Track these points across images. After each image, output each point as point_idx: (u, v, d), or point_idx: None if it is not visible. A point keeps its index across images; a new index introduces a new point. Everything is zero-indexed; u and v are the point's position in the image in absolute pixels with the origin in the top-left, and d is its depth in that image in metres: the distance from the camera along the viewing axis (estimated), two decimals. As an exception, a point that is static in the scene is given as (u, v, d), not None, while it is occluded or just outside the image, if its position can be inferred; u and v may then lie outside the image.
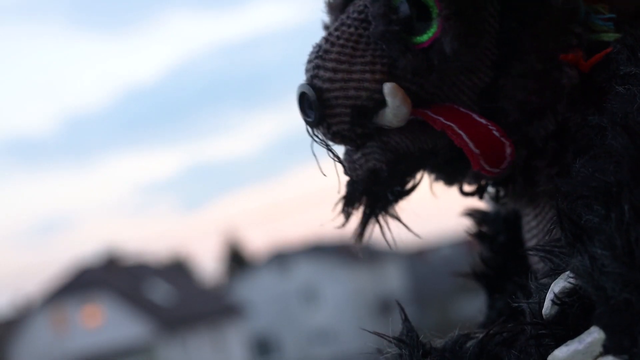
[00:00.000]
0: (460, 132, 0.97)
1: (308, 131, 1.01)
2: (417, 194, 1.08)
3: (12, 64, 62.94)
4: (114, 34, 66.94)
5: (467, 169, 1.05)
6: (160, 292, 31.28)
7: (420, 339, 0.95)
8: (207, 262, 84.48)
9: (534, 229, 1.06)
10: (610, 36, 0.97)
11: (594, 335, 0.80)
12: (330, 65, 0.98)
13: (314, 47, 1.00)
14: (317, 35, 1.07)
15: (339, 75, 0.97)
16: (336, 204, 1.04)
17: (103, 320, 30.19)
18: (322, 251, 37.02)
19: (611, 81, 0.93)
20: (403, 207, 1.06)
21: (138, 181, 64.42)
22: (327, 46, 0.99)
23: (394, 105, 0.96)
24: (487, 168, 0.98)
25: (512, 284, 1.13)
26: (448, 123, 0.97)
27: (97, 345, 29.70)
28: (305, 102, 0.98)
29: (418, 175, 1.06)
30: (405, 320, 0.98)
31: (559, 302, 0.86)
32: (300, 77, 1.01)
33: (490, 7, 0.98)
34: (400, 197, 1.04)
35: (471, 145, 0.97)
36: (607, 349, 0.79)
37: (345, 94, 0.97)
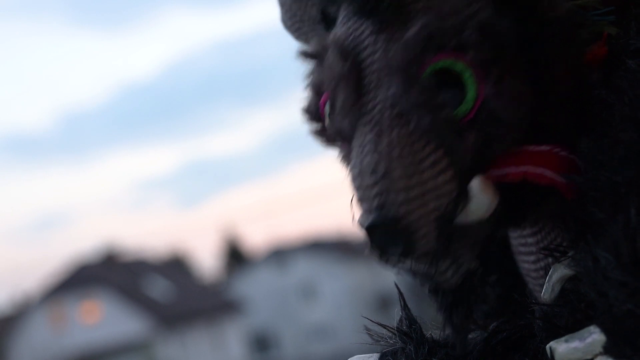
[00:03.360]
0: (539, 170, 0.86)
1: (380, 260, 0.85)
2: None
3: (9, 61, 62.89)
4: (112, 30, 66.92)
5: (525, 216, 0.95)
6: (159, 289, 31.27)
7: (423, 331, 0.94)
8: (206, 258, 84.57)
9: (532, 245, 1.01)
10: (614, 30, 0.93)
11: (594, 337, 0.80)
12: (400, 184, 0.81)
13: (364, 168, 0.83)
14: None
15: (414, 192, 0.81)
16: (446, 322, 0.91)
17: (101, 317, 30.18)
18: (320, 247, 36.99)
19: (620, 55, 0.88)
20: None
21: (136, 177, 64.39)
22: (386, 163, 0.82)
23: (487, 202, 0.83)
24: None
25: (498, 287, 1.12)
26: (521, 169, 0.86)
27: (96, 342, 29.70)
28: (380, 239, 0.82)
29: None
30: (405, 307, 0.97)
31: (558, 287, 0.86)
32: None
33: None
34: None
35: (557, 177, 0.86)
36: (607, 350, 0.79)
37: (426, 209, 0.81)
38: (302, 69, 0.96)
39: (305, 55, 0.94)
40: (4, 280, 63.67)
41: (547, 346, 0.83)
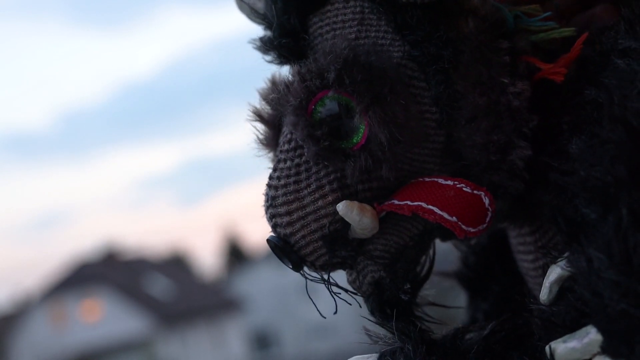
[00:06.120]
0: (430, 207, 0.93)
1: (301, 274, 0.98)
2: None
3: (9, 60, 62.83)
4: (112, 29, 66.90)
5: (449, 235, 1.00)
6: (159, 287, 31.24)
7: (420, 332, 0.95)
8: (206, 256, 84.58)
9: (530, 244, 1.03)
10: (562, 32, 0.95)
11: (591, 337, 0.81)
12: (282, 209, 0.95)
13: (264, 197, 0.98)
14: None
15: (295, 215, 0.95)
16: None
17: (102, 315, 30.15)
18: (320, 245, 36.76)
19: (609, 54, 0.90)
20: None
21: (137, 176, 64.41)
22: (273, 192, 0.96)
23: (355, 221, 0.92)
24: (472, 230, 0.94)
25: (498, 286, 1.13)
26: (415, 204, 0.93)
27: (96, 340, 29.67)
28: (276, 253, 0.96)
29: (426, 256, 1.00)
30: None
31: (556, 288, 0.87)
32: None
33: (407, 71, 0.94)
34: (415, 290, 0.99)
35: (446, 215, 0.92)
36: (604, 350, 0.80)
37: (309, 229, 0.94)
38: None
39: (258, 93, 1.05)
40: (4, 278, 63.67)
41: (547, 346, 0.84)
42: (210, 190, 71.25)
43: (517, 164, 0.93)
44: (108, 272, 30.81)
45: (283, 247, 0.95)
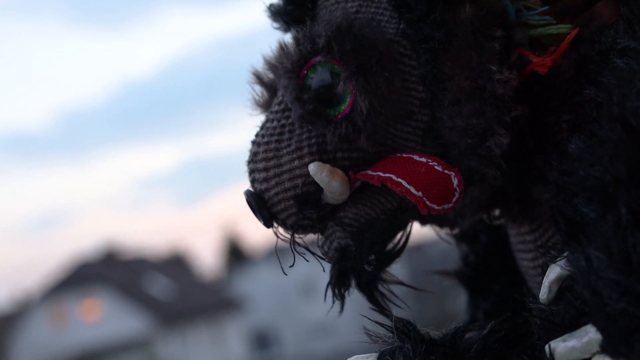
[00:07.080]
0: (399, 179, 0.94)
1: (274, 233, 1.00)
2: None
3: (9, 60, 62.83)
4: (111, 29, 66.90)
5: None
6: (159, 287, 31.26)
7: (420, 331, 0.94)
8: (206, 256, 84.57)
9: (530, 243, 1.03)
10: (559, 28, 0.95)
11: (590, 336, 0.81)
12: (261, 165, 0.98)
13: (247, 150, 1.00)
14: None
15: (271, 172, 0.97)
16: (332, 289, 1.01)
17: (102, 315, 30.17)
18: (320, 245, 36.76)
19: (608, 54, 0.90)
20: None
21: (136, 176, 64.44)
22: (255, 148, 0.99)
23: (324, 182, 0.94)
24: (436, 207, 0.95)
25: (498, 286, 1.13)
26: (386, 175, 0.95)
27: (96, 340, 29.69)
28: (251, 207, 0.98)
29: (401, 235, 1.01)
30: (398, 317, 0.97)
31: (555, 287, 0.87)
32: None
33: (399, 48, 0.96)
34: (382, 263, 0.99)
35: (412, 189, 0.94)
36: (604, 349, 0.80)
37: (283, 187, 0.97)
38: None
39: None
40: (4, 278, 63.67)
41: (546, 346, 0.84)
42: (210, 190, 71.36)
43: (494, 151, 0.93)
44: (108, 272, 30.84)
45: (257, 202, 0.97)
